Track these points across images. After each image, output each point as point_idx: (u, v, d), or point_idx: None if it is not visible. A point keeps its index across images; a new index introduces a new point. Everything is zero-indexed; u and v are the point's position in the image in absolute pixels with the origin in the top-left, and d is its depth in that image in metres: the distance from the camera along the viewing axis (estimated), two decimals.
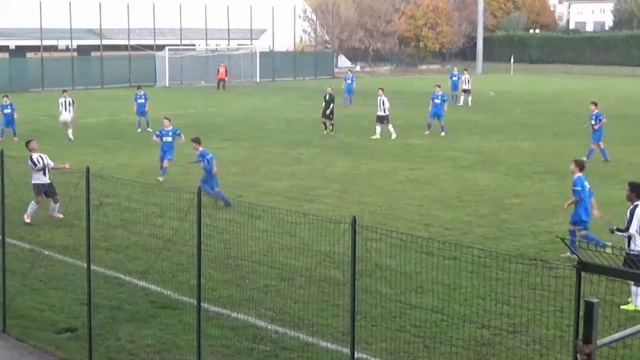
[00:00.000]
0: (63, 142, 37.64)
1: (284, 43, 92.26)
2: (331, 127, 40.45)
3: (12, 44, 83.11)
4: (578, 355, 6.65)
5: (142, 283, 16.47)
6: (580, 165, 19.67)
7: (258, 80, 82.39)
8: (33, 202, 22.38)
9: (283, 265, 17.67)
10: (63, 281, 16.92)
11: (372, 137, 39.52)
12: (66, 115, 38.93)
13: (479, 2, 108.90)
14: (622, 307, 15.32)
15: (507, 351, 13.30)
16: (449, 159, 33.10)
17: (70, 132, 38.41)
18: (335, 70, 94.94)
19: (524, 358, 13.14)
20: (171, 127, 28.76)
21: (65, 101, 39.50)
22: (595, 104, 33.42)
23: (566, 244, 7.50)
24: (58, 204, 22.35)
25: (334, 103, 40.74)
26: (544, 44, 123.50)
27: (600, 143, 32.64)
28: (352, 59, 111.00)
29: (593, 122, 32.78)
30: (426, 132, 40.45)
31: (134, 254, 18.82)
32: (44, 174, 22.53)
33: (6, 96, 39.98)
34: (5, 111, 38.81)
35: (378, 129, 39.95)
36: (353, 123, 41.94)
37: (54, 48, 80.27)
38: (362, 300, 14.57)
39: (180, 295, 15.91)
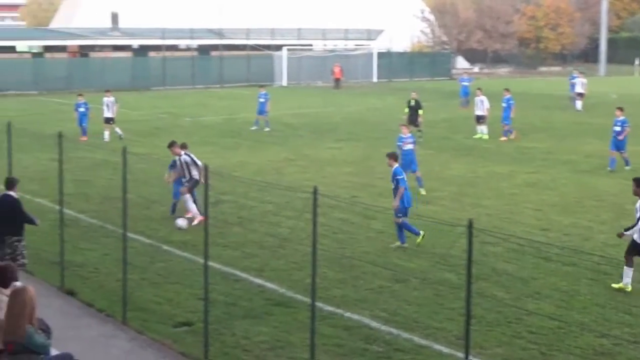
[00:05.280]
0: (183, 139, 38.16)
1: (402, 43, 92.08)
2: (419, 133, 39.26)
3: (135, 43, 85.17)
4: None
5: (257, 280, 16.65)
6: (394, 157, 20.26)
7: (375, 80, 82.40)
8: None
9: (397, 266, 17.61)
10: (181, 276, 17.23)
11: (475, 137, 39.59)
12: (109, 114, 38.69)
13: (603, 2, 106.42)
14: (612, 285, 16.11)
15: None
16: (569, 163, 32.44)
17: (110, 132, 38.36)
18: (453, 71, 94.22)
19: None
20: (409, 134, 26.91)
21: (107, 101, 38.98)
22: (622, 109, 31.90)
23: None
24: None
25: (421, 109, 39.22)
26: None
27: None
28: (470, 60, 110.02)
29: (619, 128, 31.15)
30: (503, 139, 39.21)
31: (250, 251, 19.04)
32: (184, 174, 22.37)
33: (81, 95, 39.83)
34: (79, 110, 38.73)
35: (479, 128, 40.12)
36: (472, 125, 41.49)
37: (175, 47, 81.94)
38: (477, 304, 14.42)
39: (294, 293, 16.01)
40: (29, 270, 17.08)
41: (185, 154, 22.40)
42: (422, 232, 18.97)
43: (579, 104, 54.33)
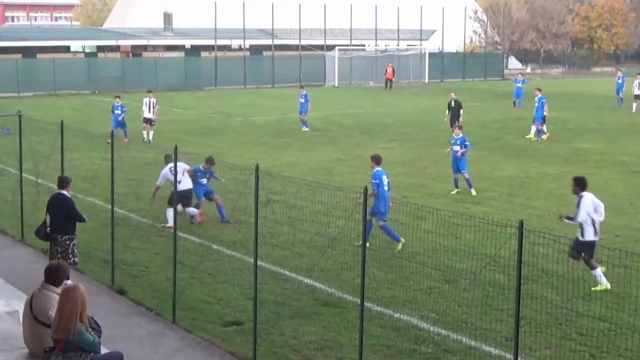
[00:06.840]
0: (234, 139, 38.58)
1: (454, 44, 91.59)
2: None
3: (187, 43, 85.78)
4: None
5: (306, 280, 16.66)
6: (377, 160, 20.16)
7: (427, 81, 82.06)
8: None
9: (447, 267, 17.54)
10: (230, 275, 17.31)
11: (526, 137, 39.46)
12: (148, 115, 37.96)
13: None
14: (592, 288, 16.18)
15: None
16: (622, 164, 32.05)
17: (148, 133, 37.63)
18: (505, 71, 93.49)
19: None
20: (461, 136, 26.54)
21: (149, 101, 38.29)
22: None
23: None
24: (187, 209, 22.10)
25: (462, 109, 39.22)
26: None
27: None
28: (523, 60, 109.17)
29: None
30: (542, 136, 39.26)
31: (299, 251, 19.08)
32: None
33: (118, 97, 38.82)
34: (115, 112, 37.55)
35: (533, 128, 39.80)
36: (524, 126, 41.19)
37: (227, 47, 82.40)
38: (527, 305, 14.30)
39: (343, 293, 16.00)
40: (80, 268, 17.30)
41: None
42: (402, 240, 19.19)
43: (635, 105, 53.57)
